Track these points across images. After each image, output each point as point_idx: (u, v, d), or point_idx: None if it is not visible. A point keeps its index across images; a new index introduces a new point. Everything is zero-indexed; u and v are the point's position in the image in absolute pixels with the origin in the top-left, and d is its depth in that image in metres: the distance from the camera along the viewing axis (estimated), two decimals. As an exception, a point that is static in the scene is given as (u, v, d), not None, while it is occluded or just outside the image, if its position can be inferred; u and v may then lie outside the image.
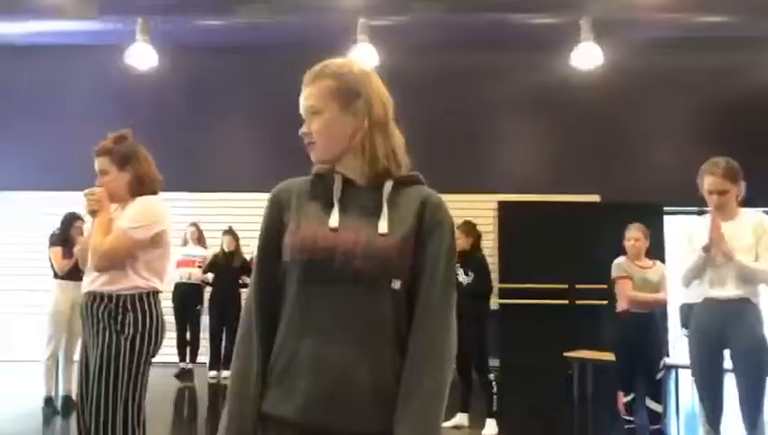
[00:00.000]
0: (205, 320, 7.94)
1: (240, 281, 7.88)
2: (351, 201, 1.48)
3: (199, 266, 7.99)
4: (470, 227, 5.44)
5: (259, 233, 1.54)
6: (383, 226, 1.42)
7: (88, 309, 2.86)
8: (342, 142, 1.49)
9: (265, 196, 1.54)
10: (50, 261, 5.81)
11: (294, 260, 1.43)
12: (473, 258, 5.34)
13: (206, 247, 8.22)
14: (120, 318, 2.79)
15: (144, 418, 2.88)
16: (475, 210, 7.98)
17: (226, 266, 7.85)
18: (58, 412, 5.78)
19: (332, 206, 1.47)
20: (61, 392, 5.87)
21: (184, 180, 8.26)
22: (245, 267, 7.88)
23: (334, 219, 1.44)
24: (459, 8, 7.39)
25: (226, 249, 7.87)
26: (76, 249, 3.00)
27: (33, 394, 6.05)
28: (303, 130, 1.51)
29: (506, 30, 7.73)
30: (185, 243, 8.09)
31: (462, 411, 5.49)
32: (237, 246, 7.93)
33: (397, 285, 1.41)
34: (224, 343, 7.80)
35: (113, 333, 2.78)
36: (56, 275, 5.78)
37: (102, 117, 8.37)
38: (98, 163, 2.95)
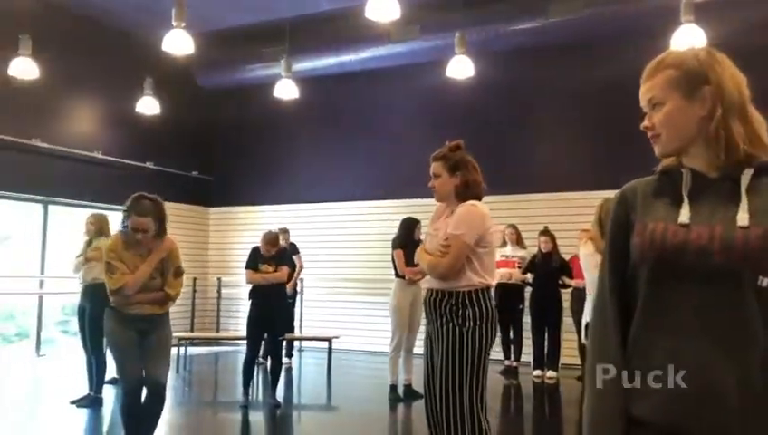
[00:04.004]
0: (527, 319, 8.07)
1: (560, 281, 7.84)
2: (703, 195, 1.39)
3: (519, 267, 8.15)
4: None
5: (607, 232, 1.53)
6: (743, 217, 1.32)
7: (431, 304, 3.16)
8: (688, 133, 1.42)
9: (581, 194, 1.54)
10: (392, 262, 6.42)
11: (643, 259, 1.39)
12: None
13: (524, 248, 8.35)
14: (460, 312, 3.05)
15: (486, 405, 3.10)
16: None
17: (545, 267, 7.87)
18: (401, 399, 6.37)
19: (681, 201, 1.39)
20: (402, 381, 6.47)
21: (501, 183, 8.48)
22: (564, 267, 7.82)
23: (684, 215, 1.37)
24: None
25: (543, 250, 7.89)
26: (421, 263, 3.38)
27: (382, 382, 6.79)
28: (645, 123, 1.46)
29: None
30: (503, 244, 8.31)
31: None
32: (555, 246, 7.90)
33: (765, 282, 1.28)
34: (546, 343, 7.85)
35: (456, 327, 3.04)
36: (398, 275, 6.36)
37: (426, 130, 9.12)
38: (433, 167, 3.27)
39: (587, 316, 4.05)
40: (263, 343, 6.32)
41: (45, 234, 9.35)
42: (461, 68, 7.60)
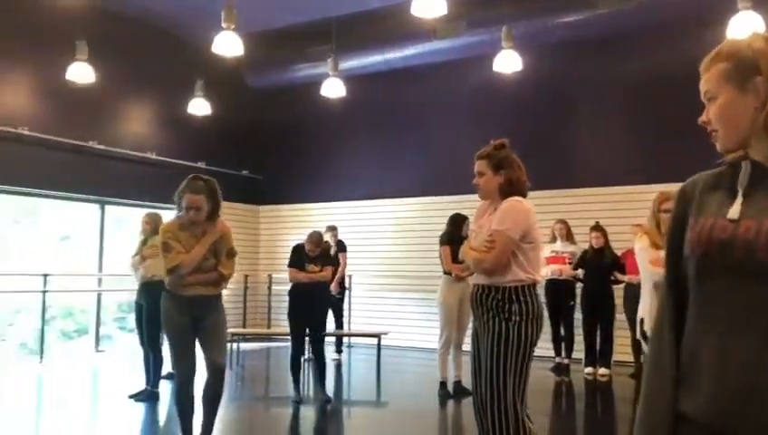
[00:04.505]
0: (578, 315, 7.96)
1: (612, 277, 7.70)
2: (760, 189, 1.34)
3: (569, 263, 8.03)
4: None
5: (667, 229, 1.51)
6: None
7: (477, 299, 3.18)
8: (743, 126, 1.37)
9: (631, 189, 1.50)
10: (440, 258, 6.40)
11: (692, 255, 1.37)
12: None
13: (574, 243, 8.22)
14: (506, 307, 3.06)
15: (526, 402, 3.11)
16: None
17: (596, 262, 7.74)
18: (451, 395, 6.35)
19: (736, 195, 1.36)
20: (452, 378, 6.45)
21: (550, 177, 8.42)
22: (616, 263, 7.68)
23: (735, 210, 1.33)
24: None
25: (595, 245, 7.76)
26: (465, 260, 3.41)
27: (431, 378, 6.79)
28: (702, 118, 1.43)
29: None
30: (553, 239, 8.21)
31: None
32: (606, 241, 7.76)
33: None
34: (598, 340, 7.72)
35: (501, 321, 3.06)
36: (445, 272, 6.33)
37: (473, 125, 9.07)
38: (477, 165, 3.28)
39: (641, 311, 3.97)
40: (307, 339, 6.45)
41: (102, 233, 9.65)
42: (508, 62, 7.52)
